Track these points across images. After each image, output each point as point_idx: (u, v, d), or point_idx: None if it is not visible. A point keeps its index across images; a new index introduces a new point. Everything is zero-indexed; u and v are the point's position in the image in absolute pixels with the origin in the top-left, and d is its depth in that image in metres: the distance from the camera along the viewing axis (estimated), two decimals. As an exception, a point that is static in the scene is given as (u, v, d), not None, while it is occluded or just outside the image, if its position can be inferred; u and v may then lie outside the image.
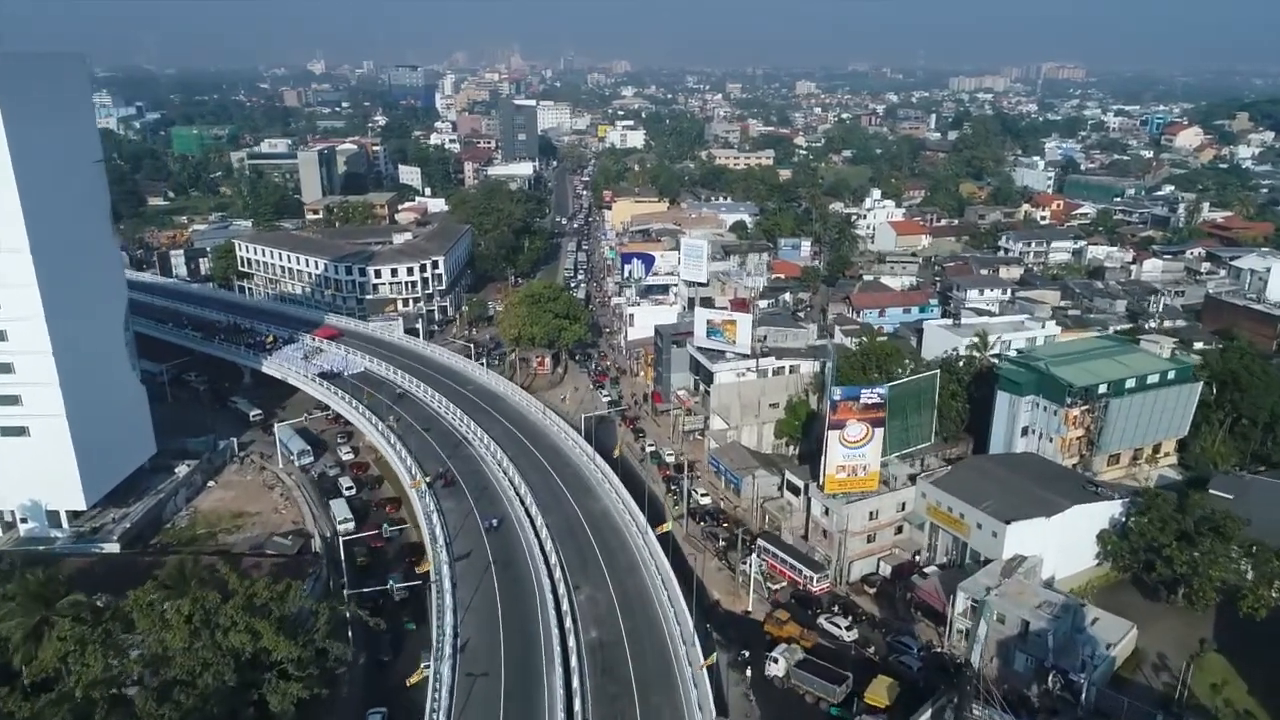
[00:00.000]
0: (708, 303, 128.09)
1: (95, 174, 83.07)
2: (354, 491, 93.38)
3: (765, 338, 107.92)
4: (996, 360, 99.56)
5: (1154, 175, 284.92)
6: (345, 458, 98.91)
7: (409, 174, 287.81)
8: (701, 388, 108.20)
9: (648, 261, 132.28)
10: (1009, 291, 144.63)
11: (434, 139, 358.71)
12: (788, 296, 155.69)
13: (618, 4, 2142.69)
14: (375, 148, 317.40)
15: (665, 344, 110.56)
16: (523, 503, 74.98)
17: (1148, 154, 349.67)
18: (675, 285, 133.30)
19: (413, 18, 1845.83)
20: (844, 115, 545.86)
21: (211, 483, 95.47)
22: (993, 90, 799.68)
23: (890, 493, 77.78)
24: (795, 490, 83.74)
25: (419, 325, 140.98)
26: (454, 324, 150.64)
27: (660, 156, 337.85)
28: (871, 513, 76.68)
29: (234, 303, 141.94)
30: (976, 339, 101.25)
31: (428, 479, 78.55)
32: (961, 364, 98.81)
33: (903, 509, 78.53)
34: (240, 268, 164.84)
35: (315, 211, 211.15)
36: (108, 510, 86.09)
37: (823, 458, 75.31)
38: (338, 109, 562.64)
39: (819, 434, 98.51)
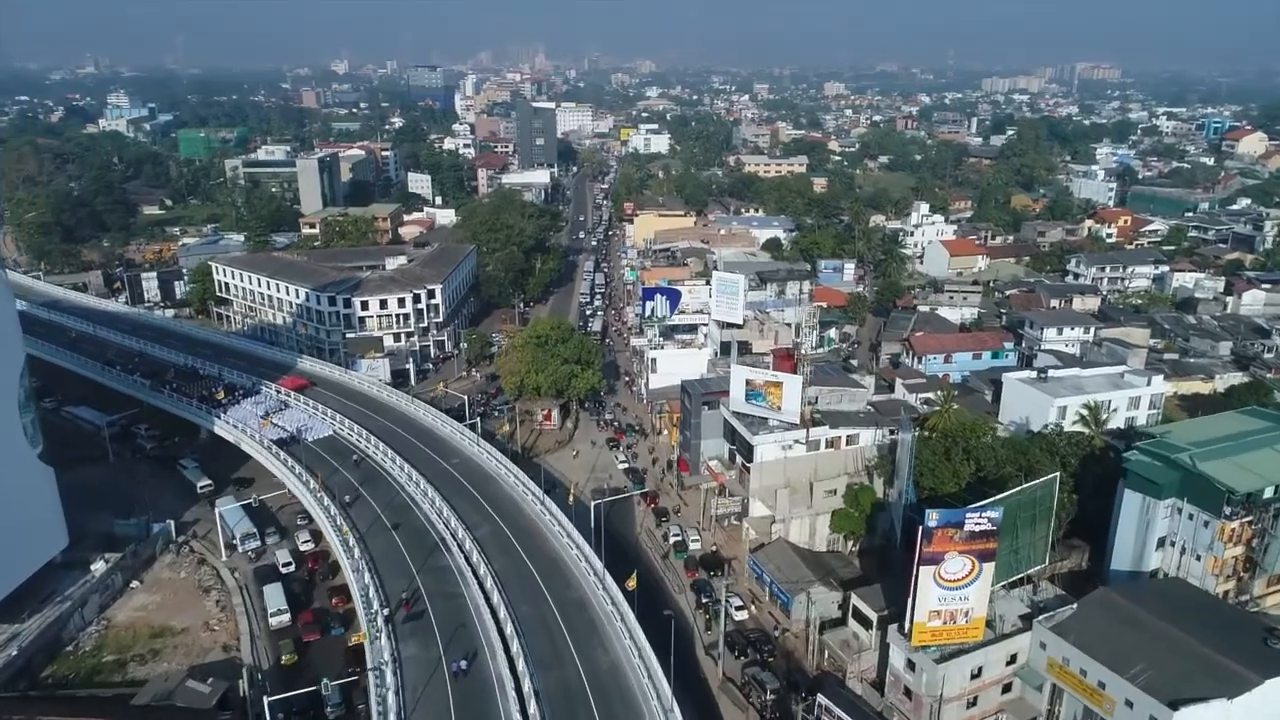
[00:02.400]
0: (744, 348, 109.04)
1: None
2: (292, 567, 77.36)
3: (815, 400, 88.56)
4: (1113, 439, 79.97)
5: (1224, 186, 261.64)
6: (304, 545, 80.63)
7: (419, 182, 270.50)
8: (738, 460, 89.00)
9: (673, 298, 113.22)
10: (1092, 331, 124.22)
11: (448, 143, 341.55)
12: (833, 333, 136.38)
13: (644, 3, 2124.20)
14: (385, 153, 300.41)
15: (694, 404, 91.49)
16: (507, 650, 56.13)
17: (1208, 161, 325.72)
18: (705, 326, 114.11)
19: (438, 17, 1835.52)
20: (876, 118, 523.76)
21: (136, 582, 77.61)
22: (1027, 91, 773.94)
23: (998, 641, 58.26)
24: (865, 622, 64.50)
25: (409, 365, 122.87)
26: (453, 360, 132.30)
27: (686, 163, 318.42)
28: (974, 670, 57.24)
29: (197, 339, 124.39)
30: (1086, 411, 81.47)
31: (386, 610, 59.89)
32: (1064, 442, 79.10)
33: (1013, 661, 59.01)
34: (219, 293, 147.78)
35: (312, 225, 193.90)
36: (-4, 627, 68.56)
37: (910, 599, 55.94)
38: (354, 110, 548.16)
39: (886, 528, 79.67)
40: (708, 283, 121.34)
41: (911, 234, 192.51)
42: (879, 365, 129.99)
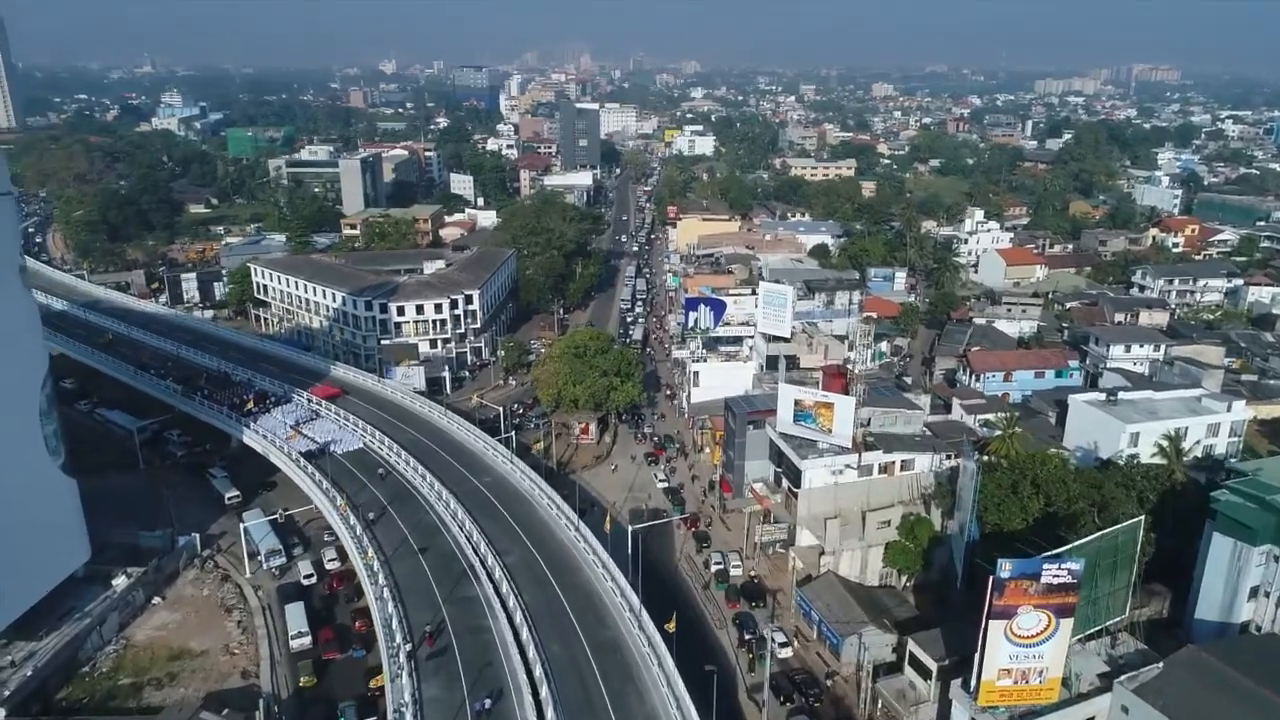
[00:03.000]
0: (792, 362, 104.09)
1: (1, 213, 63.15)
2: (314, 579, 75.46)
3: (867, 421, 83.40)
4: (1194, 472, 73.74)
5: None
6: (329, 563, 77.54)
7: (461, 183, 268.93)
8: (785, 484, 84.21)
9: (717, 309, 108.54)
10: (1162, 349, 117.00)
11: (491, 144, 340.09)
12: (884, 346, 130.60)
13: (690, 4, 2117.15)
14: (428, 153, 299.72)
15: (739, 423, 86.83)
16: (535, 694, 52.16)
17: (1278, 167, 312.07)
18: (751, 338, 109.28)
19: (486, 18, 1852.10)
20: (926, 120, 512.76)
21: (157, 599, 75.10)
22: (1083, 93, 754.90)
23: (1075, 704, 52.82)
24: (924, 671, 59.38)
25: (445, 373, 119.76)
26: (489, 368, 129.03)
27: (730, 165, 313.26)
28: (1048, 736, 51.89)
29: (231, 343, 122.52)
30: (1166, 442, 75.26)
31: (408, 646, 56.23)
32: (1141, 475, 73.02)
33: (1091, 725, 53.52)
34: (257, 295, 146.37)
35: (353, 226, 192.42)
36: (11, 645, 66.28)
37: (977, 655, 50.77)
38: (400, 110, 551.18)
39: (945, 564, 74.29)
40: (753, 292, 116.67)
41: (965, 241, 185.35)
42: (932, 381, 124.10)
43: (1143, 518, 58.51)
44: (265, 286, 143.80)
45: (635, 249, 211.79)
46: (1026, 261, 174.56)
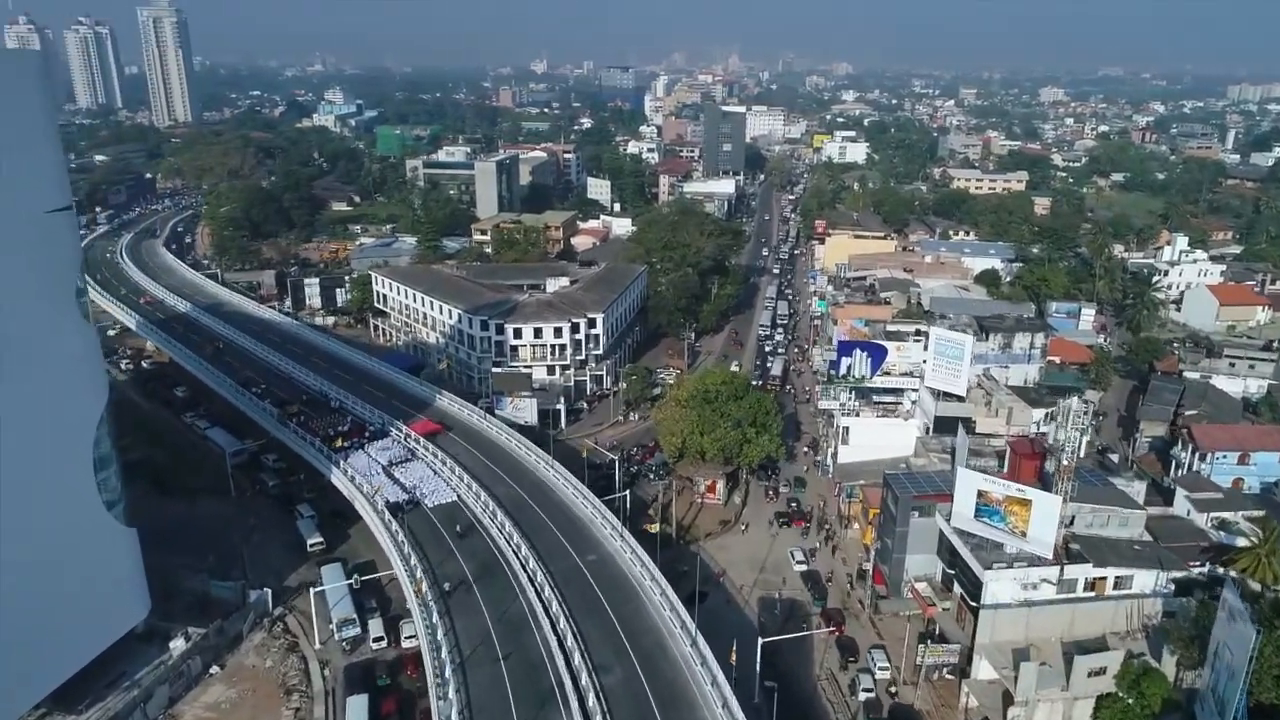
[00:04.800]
0: (966, 425, 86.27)
1: (51, 231, 55.13)
2: (383, 644, 67.34)
3: (1071, 520, 65.46)
4: None
5: None
6: (408, 640, 66.79)
7: (598, 187, 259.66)
8: (957, 589, 67.46)
9: (876, 356, 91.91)
10: None
11: (632, 147, 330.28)
12: (1075, 402, 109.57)
13: (842, 3, 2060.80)
14: (567, 155, 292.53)
15: (900, 508, 70.55)
16: None
17: None
18: (915, 393, 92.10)
19: (636, 18, 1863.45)
20: (1103, 128, 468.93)
21: (216, 668, 66.32)
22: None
23: None
24: None
25: (559, 405, 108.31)
26: (609, 400, 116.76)
27: (885, 174, 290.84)
28: None
29: (340, 359, 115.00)
30: None
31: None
32: None
33: None
34: (377, 304, 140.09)
35: (483, 231, 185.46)
36: (50, 717, 58.69)
37: None
38: (546, 110, 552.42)
39: (1179, 733, 55.87)
40: (918, 337, 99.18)
41: (1165, 273, 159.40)
42: (1135, 450, 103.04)
43: None
44: (385, 296, 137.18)
45: (777, 268, 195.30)
46: (1245, 301, 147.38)
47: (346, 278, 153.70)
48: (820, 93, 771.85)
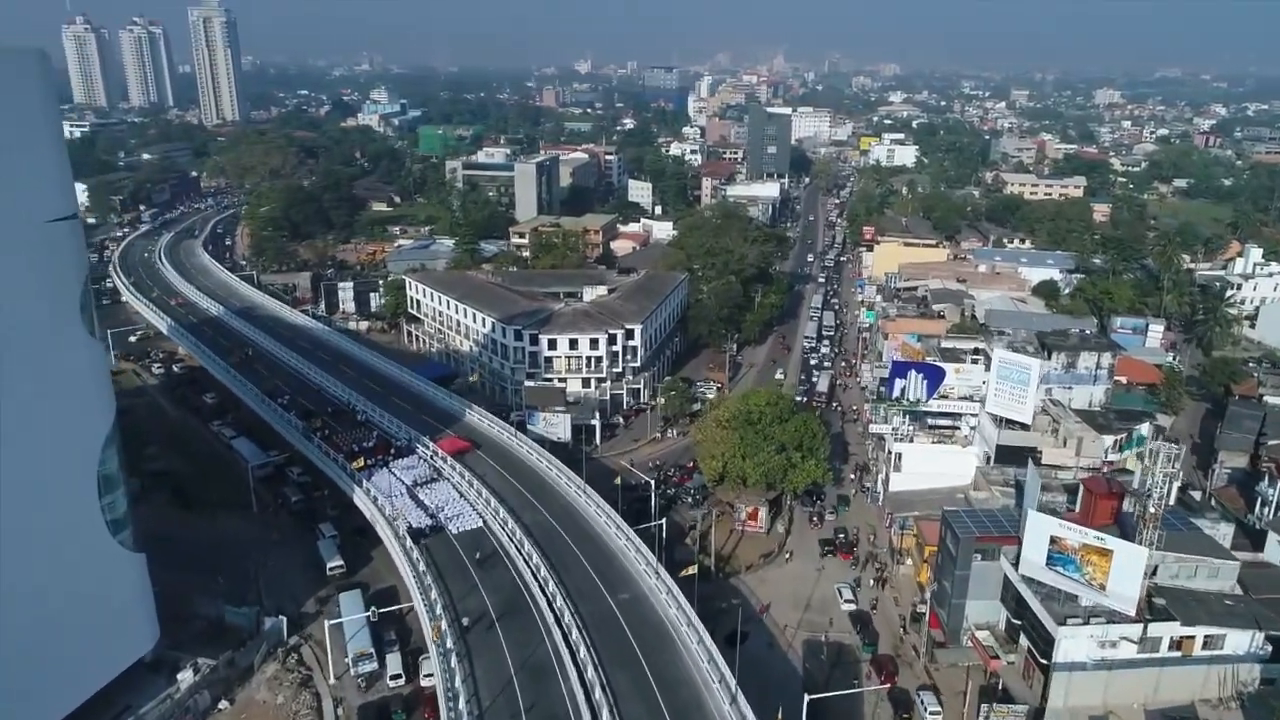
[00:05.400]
0: (1030, 455, 79.85)
1: (53, 241, 51.75)
2: (400, 681, 62.84)
3: (1154, 570, 59.12)
4: None
5: None
6: (426, 679, 62.42)
7: (639, 190, 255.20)
8: (1024, 642, 61.45)
9: (932, 378, 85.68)
10: None
11: (675, 148, 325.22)
12: (1145, 429, 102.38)
13: (888, 3, 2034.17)
14: (608, 156, 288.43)
15: (960, 550, 64.62)
16: None
17: None
18: (973, 416, 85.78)
19: (681, 18, 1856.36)
20: (1162, 131, 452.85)
21: (225, 703, 62.63)
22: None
23: None
24: None
25: (594, 420, 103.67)
26: (646, 414, 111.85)
27: (934, 178, 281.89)
28: None
29: (368, 368, 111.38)
30: None
31: None
32: None
33: None
34: (410, 309, 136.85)
35: (521, 235, 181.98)
36: (46, 756, 55.39)
37: None
38: (589, 110, 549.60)
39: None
40: (976, 355, 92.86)
41: (1238, 287, 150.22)
42: (1212, 482, 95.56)
43: None
44: (419, 302, 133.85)
45: (822, 275, 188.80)
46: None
47: (380, 282, 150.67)
48: (867, 94, 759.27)
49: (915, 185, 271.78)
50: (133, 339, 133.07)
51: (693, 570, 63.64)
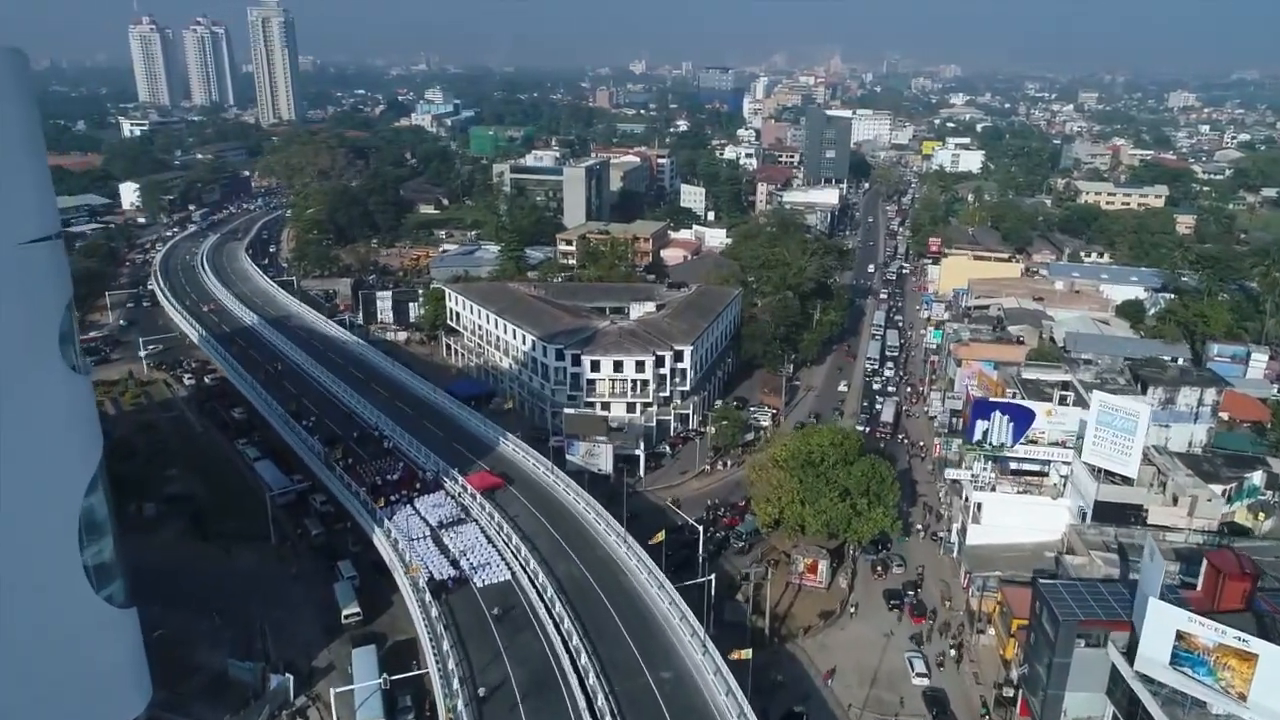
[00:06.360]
0: (1134, 514, 70.12)
1: (27, 266, 45.68)
2: None
3: (1299, 670, 49.19)
4: None
5: None
6: (443, 752, 55.39)
7: (692, 195, 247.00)
8: (1136, 750, 51.99)
9: (1020, 420, 76.06)
10: None
11: (729, 151, 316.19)
12: (1258, 478, 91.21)
13: (949, 2, 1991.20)
14: (660, 160, 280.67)
15: (1060, 635, 55.31)
16: None
17: None
18: (1066, 464, 76.00)
19: (738, 18, 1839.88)
20: (1243, 136, 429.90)
21: (218, 776, 56.38)
22: None
23: None
24: None
25: (639, 450, 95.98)
26: (695, 443, 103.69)
27: (1003, 186, 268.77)
28: None
29: (401, 388, 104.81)
30: None
31: None
32: None
33: None
34: (449, 321, 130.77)
35: (568, 242, 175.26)
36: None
37: None
38: (642, 111, 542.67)
39: None
40: (1065, 390, 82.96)
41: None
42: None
43: None
44: (458, 314, 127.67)
45: (884, 290, 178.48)
46: None
47: (420, 291, 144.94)
48: (927, 95, 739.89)
49: (981, 192, 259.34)
50: (142, 354, 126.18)
51: (746, 655, 55.33)
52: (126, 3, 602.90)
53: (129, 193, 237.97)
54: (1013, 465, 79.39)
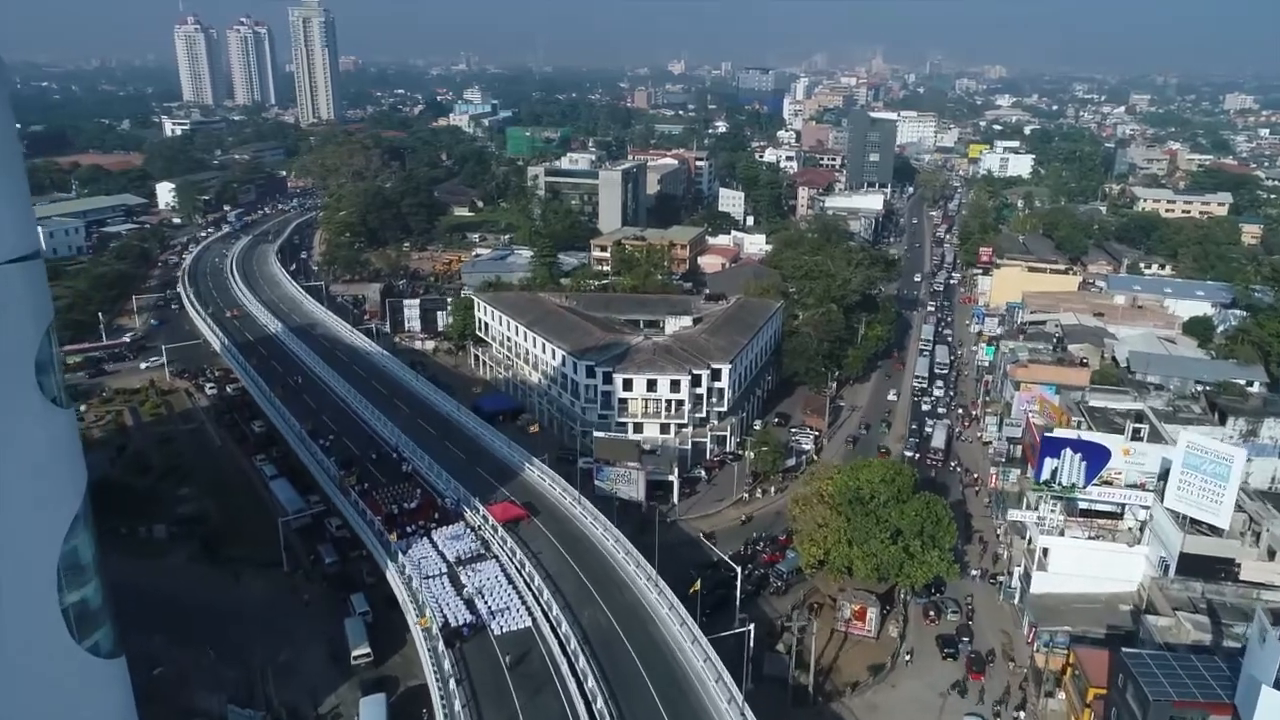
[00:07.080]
0: (1224, 568, 63.02)
1: (7, 286, 41.29)
2: None
3: None
4: None
5: None
6: (454, 823, 50.30)
7: (730, 199, 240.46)
8: None
9: (1094, 459, 69.12)
10: None
11: (769, 154, 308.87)
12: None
13: (993, 1, 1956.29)
14: (699, 162, 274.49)
15: (1149, 712, 48.71)
16: None
17: None
18: (1145, 508, 68.95)
19: (777, 18, 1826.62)
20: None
21: (210, 840, 51.81)
22: None
23: None
24: None
25: (673, 476, 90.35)
26: (733, 468, 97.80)
27: (1054, 192, 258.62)
28: None
29: (424, 406, 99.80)
30: None
31: None
32: None
33: None
34: (478, 331, 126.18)
35: (603, 248, 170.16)
36: None
37: None
38: (680, 112, 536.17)
39: None
40: (1138, 425, 75.64)
41: None
42: None
43: None
44: (487, 325, 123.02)
45: (932, 302, 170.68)
46: None
47: (449, 300, 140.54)
48: (971, 97, 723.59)
49: (1032, 198, 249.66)
50: (144, 365, 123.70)
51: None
52: (175, 3, 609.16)
53: (164, 193, 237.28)
54: (1081, 504, 72.60)
